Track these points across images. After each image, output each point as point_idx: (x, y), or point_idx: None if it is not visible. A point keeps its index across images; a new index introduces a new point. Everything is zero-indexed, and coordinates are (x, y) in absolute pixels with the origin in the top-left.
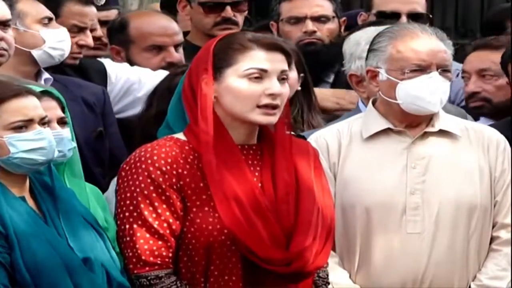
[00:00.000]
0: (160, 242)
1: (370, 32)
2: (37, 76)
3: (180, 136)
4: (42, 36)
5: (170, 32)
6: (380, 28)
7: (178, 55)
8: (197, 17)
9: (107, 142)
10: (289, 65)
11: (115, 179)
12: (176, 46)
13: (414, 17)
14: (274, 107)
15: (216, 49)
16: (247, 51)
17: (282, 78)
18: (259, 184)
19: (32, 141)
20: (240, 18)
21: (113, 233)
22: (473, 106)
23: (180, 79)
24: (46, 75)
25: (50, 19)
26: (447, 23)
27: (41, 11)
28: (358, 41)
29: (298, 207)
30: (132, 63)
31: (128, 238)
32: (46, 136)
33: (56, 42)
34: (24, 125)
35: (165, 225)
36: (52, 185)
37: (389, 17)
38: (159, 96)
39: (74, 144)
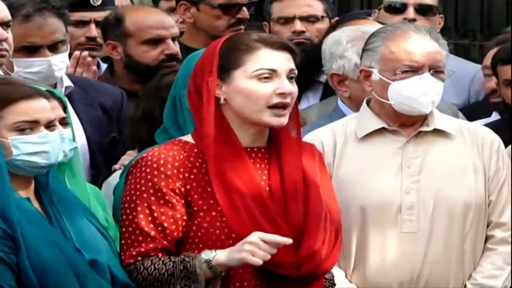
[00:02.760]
0: (150, 245)
1: (348, 31)
2: (56, 83)
3: (189, 139)
4: (14, 64)
5: (167, 24)
6: (362, 28)
7: (176, 47)
8: (207, 19)
9: (120, 148)
10: (295, 62)
11: (108, 181)
12: (173, 39)
13: (422, 9)
14: (285, 106)
15: (222, 51)
16: (254, 51)
17: (291, 76)
18: (267, 188)
19: (35, 144)
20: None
21: (113, 232)
22: (494, 102)
23: (172, 79)
24: (67, 82)
25: (33, 47)
26: (447, 23)
27: (20, 40)
28: (338, 40)
29: (307, 210)
30: (130, 57)
31: (123, 241)
32: (51, 140)
33: (24, 73)
34: (29, 127)
35: (159, 228)
36: (54, 187)
37: (398, 10)
38: (147, 96)
39: (76, 144)
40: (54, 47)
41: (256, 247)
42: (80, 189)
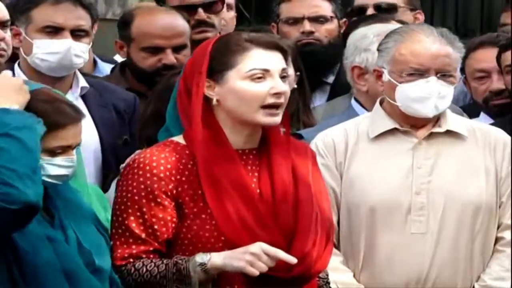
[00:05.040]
0: (141, 247)
1: (376, 27)
2: (72, 83)
3: (180, 139)
4: (34, 45)
5: (170, 34)
6: (391, 26)
7: (173, 58)
8: None
9: (131, 150)
10: (286, 61)
11: (116, 180)
12: (178, 48)
13: (381, 9)
14: (278, 106)
15: (213, 52)
16: (246, 51)
17: (283, 76)
18: (258, 190)
19: (60, 167)
20: (216, 20)
21: None
22: (497, 104)
23: (177, 80)
24: (82, 82)
25: (56, 29)
26: (447, 23)
27: (46, 20)
28: (365, 34)
29: (297, 211)
30: (131, 60)
31: (113, 242)
32: (73, 165)
33: (42, 53)
34: (61, 151)
35: (150, 230)
36: (59, 190)
37: (357, 12)
38: (156, 96)
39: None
40: (76, 34)
41: (257, 258)
42: (81, 189)
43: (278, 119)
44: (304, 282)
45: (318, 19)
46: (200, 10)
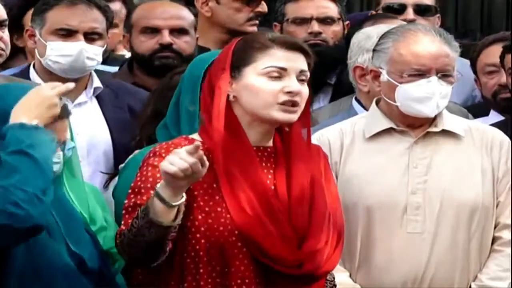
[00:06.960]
0: (144, 197)
1: (382, 28)
2: (87, 83)
3: (195, 136)
4: (47, 47)
5: (167, 15)
6: (391, 26)
7: (169, 38)
8: (226, 12)
9: None
10: (309, 66)
11: (115, 180)
12: (176, 31)
13: (421, 9)
14: (294, 104)
15: (236, 49)
16: (266, 49)
17: (301, 78)
18: (272, 187)
19: None
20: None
21: (113, 232)
22: (506, 98)
23: (180, 79)
24: (97, 83)
25: (69, 31)
26: (447, 23)
27: (60, 22)
28: (369, 35)
29: (311, 211)
30: (132, 48)
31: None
32: (60, 161)
33: (55, 56)
34: None
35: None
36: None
37: (396, 10)
38: (157, 94)
39: (74, 144)
40: (90, 37)
41: (176, 156)
42: (78, 188)
43: (294, 116)
44: (313, 281)
45: (326, 20)
46: (263, 3)
